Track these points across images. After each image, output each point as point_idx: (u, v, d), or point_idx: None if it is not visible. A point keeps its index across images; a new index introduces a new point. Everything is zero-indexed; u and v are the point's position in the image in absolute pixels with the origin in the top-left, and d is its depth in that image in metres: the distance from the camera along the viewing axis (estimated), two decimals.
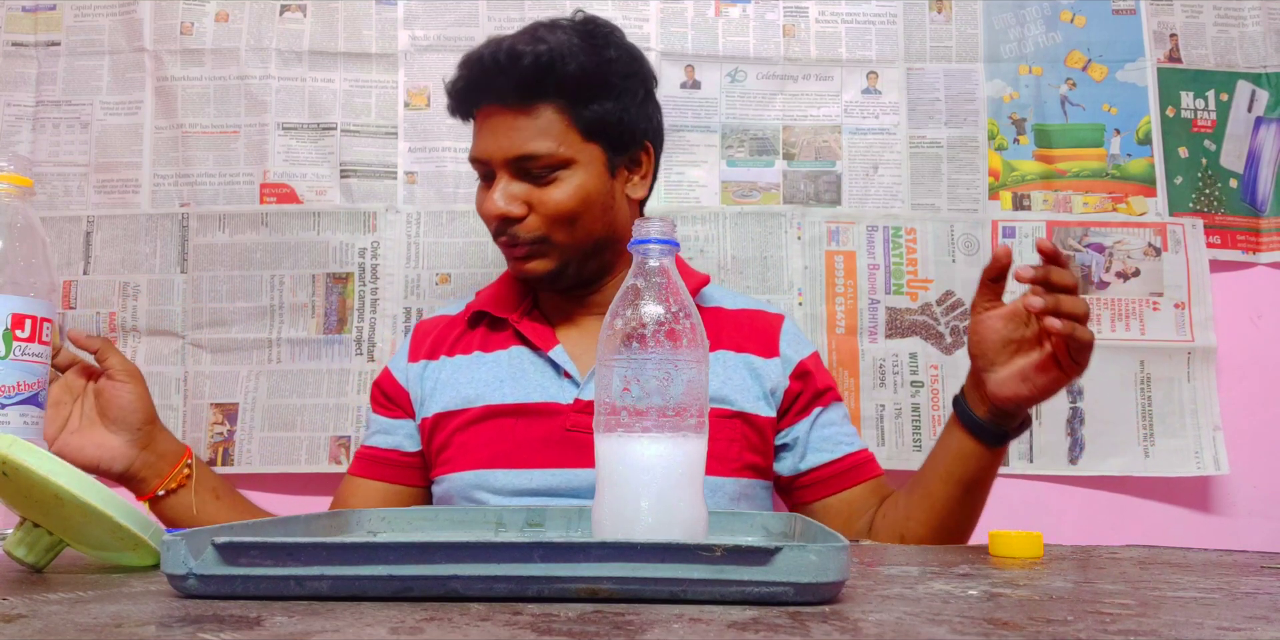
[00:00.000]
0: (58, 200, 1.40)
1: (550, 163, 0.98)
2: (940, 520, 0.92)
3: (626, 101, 1.01)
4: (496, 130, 0.98)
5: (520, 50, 0.96)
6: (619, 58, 1.00)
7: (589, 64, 0.98)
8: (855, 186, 1.41)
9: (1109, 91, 1.42)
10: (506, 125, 0.98)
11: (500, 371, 1.03)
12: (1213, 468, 1.33)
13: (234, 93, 1.40)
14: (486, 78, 0.98)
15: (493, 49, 0.97)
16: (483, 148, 0.99)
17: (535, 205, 0.98)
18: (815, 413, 1.04)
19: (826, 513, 1.01)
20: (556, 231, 0.99)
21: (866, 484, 1.03)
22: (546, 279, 1.01)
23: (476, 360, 1.05)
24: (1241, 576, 0.61)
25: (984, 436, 0.88)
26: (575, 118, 0.98)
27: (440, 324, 1.12)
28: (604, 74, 0.99)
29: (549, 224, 0.98)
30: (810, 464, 1.02)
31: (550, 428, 0.98)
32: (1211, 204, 1.41)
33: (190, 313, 1.37)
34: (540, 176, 0.98)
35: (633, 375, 0.58)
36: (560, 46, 0.97)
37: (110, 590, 0.52)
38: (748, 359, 1.03)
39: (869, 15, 1.43)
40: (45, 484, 0.55)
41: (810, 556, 0.46)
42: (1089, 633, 0.40)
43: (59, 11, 1.43)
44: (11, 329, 0.68)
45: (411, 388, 1.08)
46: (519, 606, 0.45)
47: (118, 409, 0.90)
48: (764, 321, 1.08)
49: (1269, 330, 1.39)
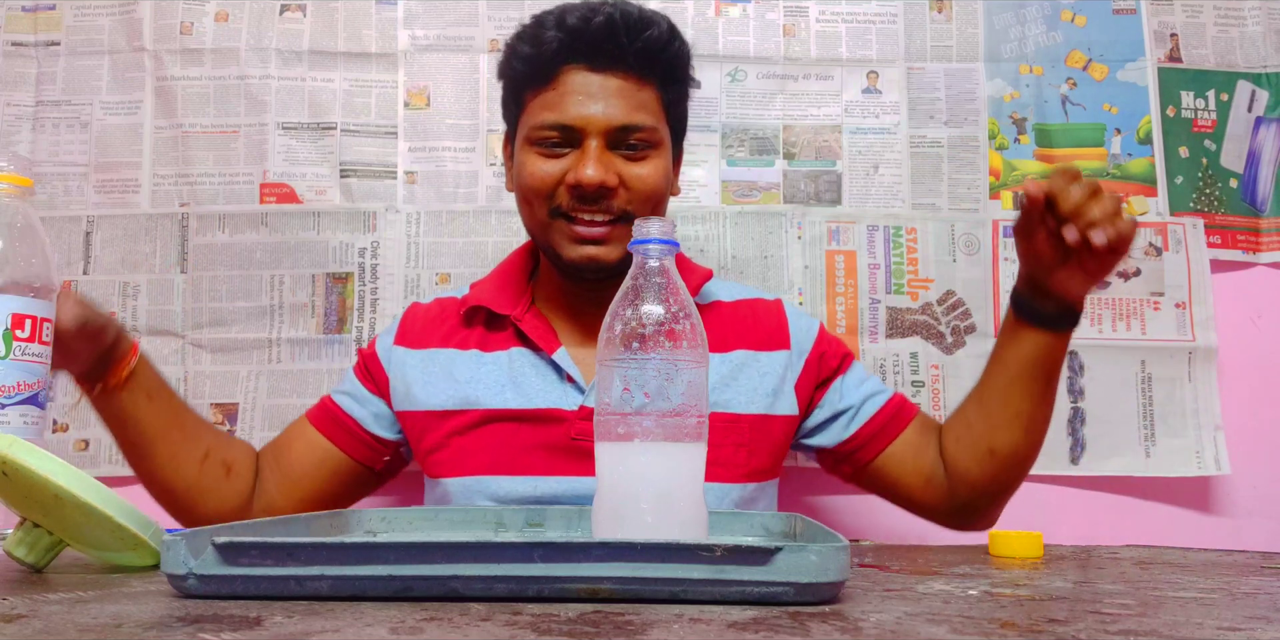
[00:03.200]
0: (58, 200, 1.40)
1: (649, 138, 0.94)
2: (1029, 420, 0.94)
3: (688, 96, 1.02)
4: (598, 95, 0.93)
5: (648, 18, 0.93)
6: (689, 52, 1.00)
7: (687, 50, 0.98)
8: (856, 186, 1.41)
9: (1109, 91, 1.42)
10: (611, 91, 0.93)
11: (500, 374, 0.99)
12: (1213, 468, 1.33)
13: (234, 92, 1.40)
14: (600, 38, 0.92)
15: (607, 11, 0.92)
16: (577, 112, 0.92)
17: (626, 180, 0.93)
18: (837, 383, 1.04)
19: (890, 462, 1.01)
20: (642, 211, 0.94)
21: (913, 423, 1.03)
22: (607, 269, 0.95)
23: (475, 359, 1.01)
24: (1241, 576, 0.61)
25: (1057, 324, 0.92)
26: (664, 99, 0.97)
27: (438, 309, 1.07)
28: (688, 63, 0.99)
29: (639, 201, 0.94)
30: (854, 428, 1.02)
31: (555, 435, 0.95)
32: (1212, 204, 1.41)
33: (190, 313, 1.37)
34: (634, 150, 0.94)
35: (633, 376, 0.58)
36: (672, 26, 0.96)
37: (110, 590, 0.52)
38: (754, 356, 1.01)
39: (869, 15, 1.43)
40: (45, 484, 0.55)
41: (810, 556, 0.46)
42: (1089, 633, 0.40)
43: (59, 11, 1.43)
44: (11, 329, 0.68)
45: (392, 371, 1.03)
46: (519, 606, 0.45)
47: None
48: (764, 310, 1.06)
49: (1269, 330, 1.39)
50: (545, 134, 0.94)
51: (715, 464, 0.96)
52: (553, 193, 0.94)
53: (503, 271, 1.06)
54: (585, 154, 0.92)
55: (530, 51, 0.95)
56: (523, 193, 0.97)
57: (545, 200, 0.94)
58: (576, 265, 0.95)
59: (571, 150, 0.94)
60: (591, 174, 0.91)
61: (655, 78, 0.95)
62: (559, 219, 0.94)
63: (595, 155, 0.92)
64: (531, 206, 0.96)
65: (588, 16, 0.92)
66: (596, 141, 0.92)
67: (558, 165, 0.93)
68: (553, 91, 0.94)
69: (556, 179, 0.93)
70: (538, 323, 1.00)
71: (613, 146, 0.93)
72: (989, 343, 1.37)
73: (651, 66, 0.95)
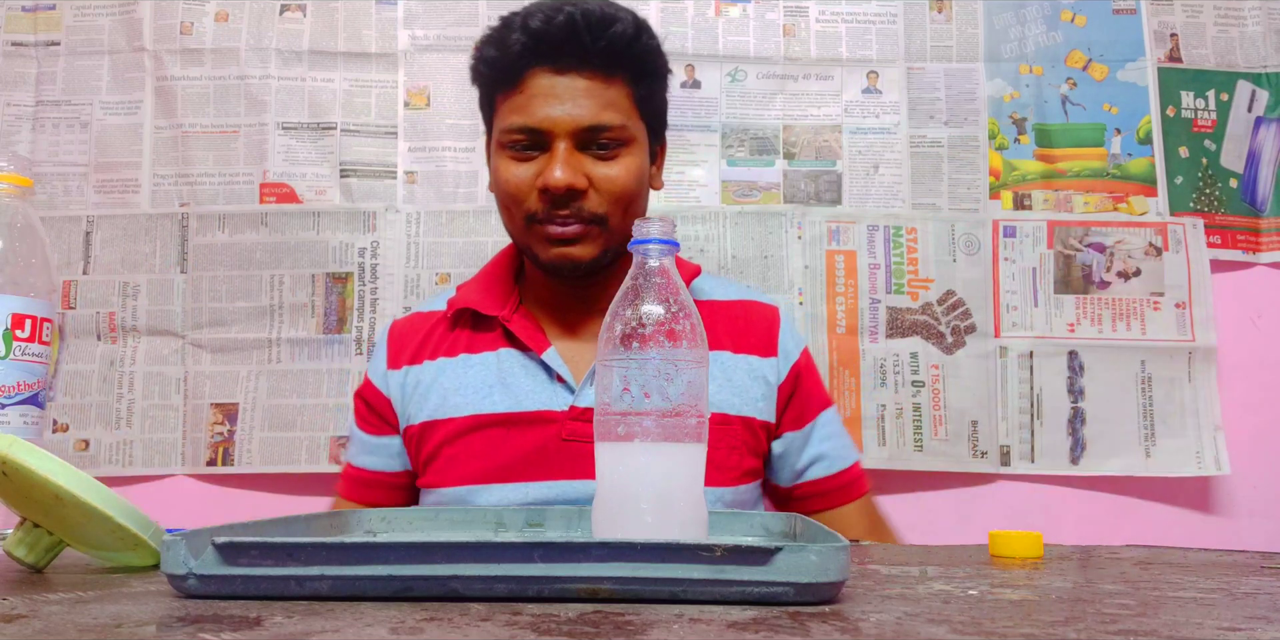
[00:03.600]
0: (58, 200, 1.40)
1: (619, 137, 0.93)
2: None
3: (665, 88, 1.00)
4: (564, 96, 0.91)
5: (610, 15, 0.91)
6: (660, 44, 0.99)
7: (656, 43, 0.96)
8: (856, 186, 1.41)
9: (1109, 91, 1.42)
10: (578, 92, 0.92)
11: (489, 376, 0.97)
12: (1213, 468, 1.33)
13: (234, 92, 1.40)
14: (561, 39, 0.91)
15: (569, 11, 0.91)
16: (544, 114, 0.91)
17: (596, 182, 0.92)
18: (809, 426, 1.01)
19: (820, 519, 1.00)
20: (614, 211, 0.93)
21: (858, 502, 1.02)
22: (584, 267, 0.94)
23: (463, 363, 0.99)
24: (1241, 576, 0.60)
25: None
26: (635, 96, 0.95)
27: (419, 323, 1.04)
28: (660, 56, 0.97)
29: (610, 202, 0.93)
30: (808, 477, 1.01)
31: (545, 437, 0.93)
32: (1212, 204, 1.41)
33: (190, 313, 1.37)
34: (604, 150, 0.93)
35: (632, 376, 0.58)
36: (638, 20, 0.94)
37: (110, 590, 0.52)
38: (748, 360, 1.00)
39: (869, 15, 1.43)
40: (45, 484, 0.55)
41: (810, 556, 0.46)
42: (1089, 633, 0.40)
43: (59, 11, 1.43)
44: (11, 329, 0.68)
45: (393, 395, 1.01)
46: (519, 606, 0.45)
47: None
48: (759, 315, 1.04)
49: (1269, 330, 1.39)
50: (514, 137, 0.93)
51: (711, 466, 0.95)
52: (526, 197, 0.93)
53: (488, 274, 1.05)
54: (554, 157, 0.91)
55: (496, 55, 0.94)
56: (499, 197, 0.97)
57: (520, 205, 0.94)
58: (554, 264, 0.95)
59: (541, 153, 0.93)
60: (559, 177, 0.90)
61: (624, 74, 0.94)
62: (534, 224, 0.94)
63: (563, 158, 0.91)
64: (508, 211, 0.96)
65: (550, 17, 0.91)
66: (565, 143, 0.91)
67: (529, 169, 0.93)
68: (520, 95, 0.93)
69: (529, 183, 0.93)
70: (526, 323, 0.99)
71: (582, 147, 0.93)
72: (989, 342, 1.39)
73: (618, 63, 0.93)
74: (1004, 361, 1.36)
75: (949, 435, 1.35)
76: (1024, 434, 1.35)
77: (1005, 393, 1.36)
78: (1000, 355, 1.36)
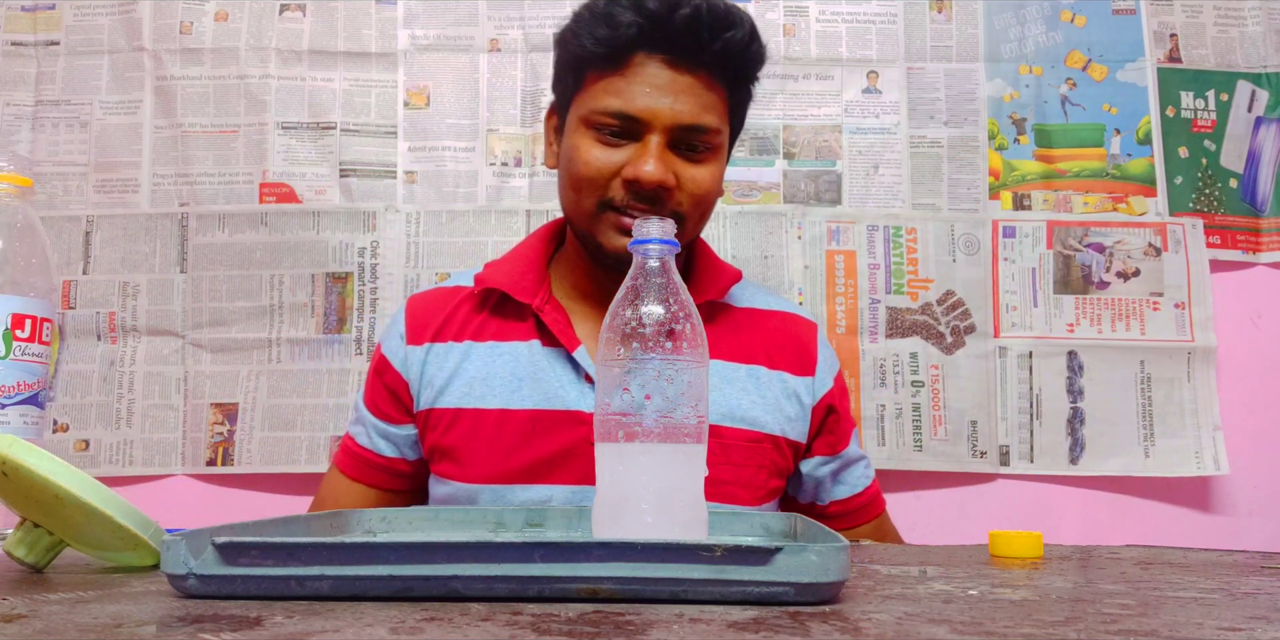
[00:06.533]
0: (57, 200, 1.40)
1: (711, 141, 0.90)
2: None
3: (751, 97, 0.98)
4: (669, 90, 0.88)
5: (731, 17, 0.88)
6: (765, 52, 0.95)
7: (764, 52, 0.94)
8: (855, 186, 1.41)
9: (1109, 91, 1.42)
10: (683, 88, 0.88)
11: (519, 369, 0.93)
12: (1213, 468, 1.33)
13: (233, 92, 1.40)
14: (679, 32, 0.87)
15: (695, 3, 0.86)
16: (645, 104, 0.87)
17: (683, 181, 0.89)
18: (843, 453, 1.00)
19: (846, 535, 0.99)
20: (693, 213, 0.91)
21: (873, 521, 1.03)
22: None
23: (492, 351, 0.94)
24: (1241, 576, 0.60)
25: None
26: (730, 101, 0.93)
27: (445, 298, 1.00)
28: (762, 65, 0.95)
29: (692, 204, 0.90)
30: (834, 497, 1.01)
31: (572, 439, 0.90)
32: (1211, 204, 1.41)
33: (190, 312, 1.37)
34: (693, 151, 0.90)
35: (632, 376, 0.58)
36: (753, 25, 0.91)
37: (110, 590, 0.51)
38: (782, 377, 0.97)
39: (869, 15, 1.43)
40: (45, 484, 0.55)
41: (810, 556, 0.46)
42: (1089, 633, 0.40)
43: (59, 11, 1.43)
44: (11, 329, 0.68)
45: (411, 374, 0.96)
46: (519, 606, 0.45)
47: None
48: (798, 330, 1.01)
49: (1269, 330, 1.39)
50: (606, 120, 0.89)
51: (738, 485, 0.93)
52: (606, 183, 0.89)
53: (520, 256, 1.00)
54: (646, 150, 0.87)
55: (605, 33, 0.88)
56: (571, 178, 0.91)
57: (596, 190, 0.89)
58: (618, 255, 0.90)
59: (630, 142, 0.89)
60: (652, 172, 0.86)
61: (727, 80, 0.91)
62: (608, 211, 0.90)
63: (656, 153, 0.87)
64: (579, 194, 0.91)
65: (672, 5, 0.87)
66: (659, 138, 0.88)
67: (614, 155, 0.89)
68: (621, 78, 0.88)
69: (612, 170, 0.89)
70: (558, 315, 0.95)
71: (673, 145, 0.89)
72: (988, 343, 1.39)
73: (726, 68, 0.90)
74: (1003, 362, 1.36)
75: (948, 435, 1.35)
76: (1023, 434, 1.35)
77: (1005, 393, 1.36)
78: (1000, 355, 1.36)
